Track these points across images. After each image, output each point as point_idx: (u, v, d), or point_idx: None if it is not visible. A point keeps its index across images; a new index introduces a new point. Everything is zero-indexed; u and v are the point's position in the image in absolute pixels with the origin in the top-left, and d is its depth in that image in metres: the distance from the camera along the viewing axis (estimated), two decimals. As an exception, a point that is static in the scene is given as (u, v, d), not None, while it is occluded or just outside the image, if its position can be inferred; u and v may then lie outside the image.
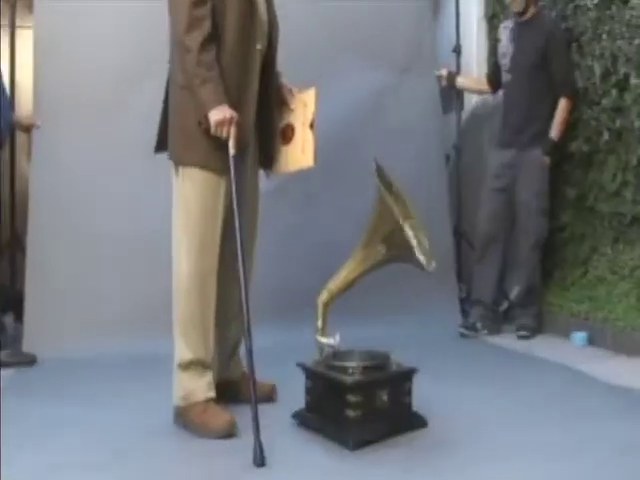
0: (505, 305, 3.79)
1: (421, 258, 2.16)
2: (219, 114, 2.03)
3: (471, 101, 4.33)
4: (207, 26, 2.06)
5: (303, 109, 2.31)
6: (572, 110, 3.51)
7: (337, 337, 2.16)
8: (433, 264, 2.27)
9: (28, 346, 3.21)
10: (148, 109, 2.43)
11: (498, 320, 3.71)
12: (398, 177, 3.75)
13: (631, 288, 3.27)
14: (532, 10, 3.60)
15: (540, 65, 3.50)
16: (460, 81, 3.97)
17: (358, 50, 3.73)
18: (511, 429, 2.11)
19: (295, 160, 2.29)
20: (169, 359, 2.19)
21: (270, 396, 2.40)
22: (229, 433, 2.02)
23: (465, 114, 4.30)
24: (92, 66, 3.41)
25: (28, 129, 3.40)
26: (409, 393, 2.13)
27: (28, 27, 3.92)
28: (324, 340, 2.16)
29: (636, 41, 3.21)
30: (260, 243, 2.46)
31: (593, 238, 3.62)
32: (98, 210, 3.38)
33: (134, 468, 1.83)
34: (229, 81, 2.11)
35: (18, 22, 4.04)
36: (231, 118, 2.04)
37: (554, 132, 3.48)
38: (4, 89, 3.30)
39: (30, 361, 3.10)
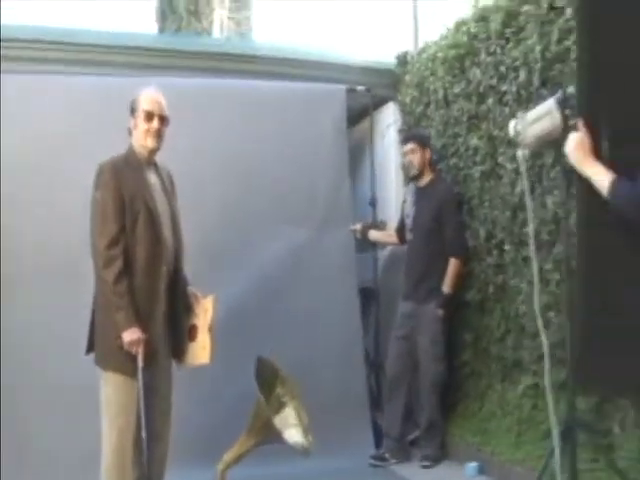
0: (416, 433, 4.49)
1: (295, 440, 2.89)
2: (130, 336, 2.78)
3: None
4: (119, 263, 2.83)
5: (204, 314, 3.07)
6: (461, 268, 4.27)
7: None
8: (310, 438, 2.99)
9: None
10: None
11: (406, 449, 4.40)
12: (319, 319, 4.50)
13: (512, 425, 3.98)
14: (429, 176, 4.42)
15: (436, 228, 4.28)
16: (372, 234, 4.78)
17: (279, 207, 4.51)
18: None
19: (197, 356, 3.04)
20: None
21: None
22: None
23: (387, 251, 5.07)
24: (48, 238, 4.11)
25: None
26: None
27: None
28: (217, 506, 2.86)
29: (507, 213, 4.01)
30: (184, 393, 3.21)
31: (488, 376, 4.35)
32: (57, 365, 3.94)
33: None
34: (140, 301, 2.87)
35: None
36: (138, 339, 2.79)
37: (446, 287, 4.24)
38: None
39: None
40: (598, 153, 2.07)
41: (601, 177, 1.99)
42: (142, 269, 2.90)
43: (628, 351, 2.07)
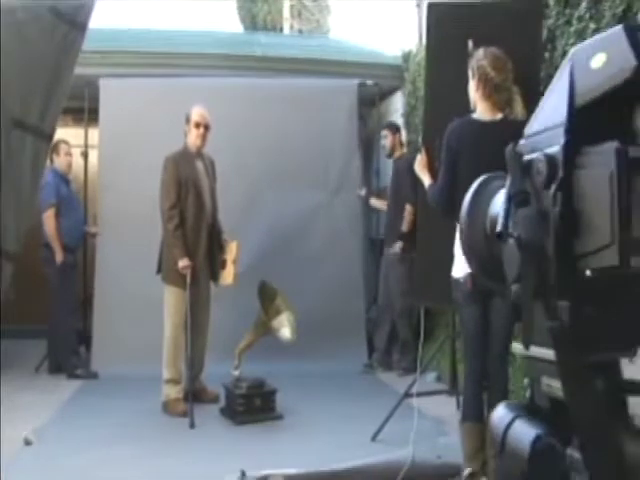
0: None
1: (286, 336, 5.14)
2: (182, 263, 5.07)
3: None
4: (176, 220, 5.12)
5: (231, 252, 5.35)
6: (415, 212, 6.21)
7: (239, 371, 5.17)
8: (295, 335, 5.23)
9: (94, 366, 6.39)
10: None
11: (389, 362, 6.59)
12: (330, 260, 6.70)
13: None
14: (400, 152, 6.47)
15: (399, 190, 6.25)
16: (372, 201, 6.91)
17: (303, 175, 6.70)
18: (325, 421, 5.06)
19: (225, 279, 5.35)
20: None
21: (215, 399, 5.43)
22: (183, 414, 5.03)
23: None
24: (137, 195, 6.51)
25: (94, 235, 6.62)
26: (273, 401, 5.10)
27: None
28: (233, 372, 5.19)
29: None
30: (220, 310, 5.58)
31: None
32: (140, 281, 6.34)
33: (138, 424, 4.94)
34: (188, 243, 5.15)
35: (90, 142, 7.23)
36: (188, 265, 5.09)
37: (403, 227, 6.19)
38: (80, 208, 6.53)
39: (94, 376, 6.28)
40: (433, 169, 4.14)
41: (427, 183, 4.07)
42: (190, 224, 5.20)
43: (441, 282, 4.18)
